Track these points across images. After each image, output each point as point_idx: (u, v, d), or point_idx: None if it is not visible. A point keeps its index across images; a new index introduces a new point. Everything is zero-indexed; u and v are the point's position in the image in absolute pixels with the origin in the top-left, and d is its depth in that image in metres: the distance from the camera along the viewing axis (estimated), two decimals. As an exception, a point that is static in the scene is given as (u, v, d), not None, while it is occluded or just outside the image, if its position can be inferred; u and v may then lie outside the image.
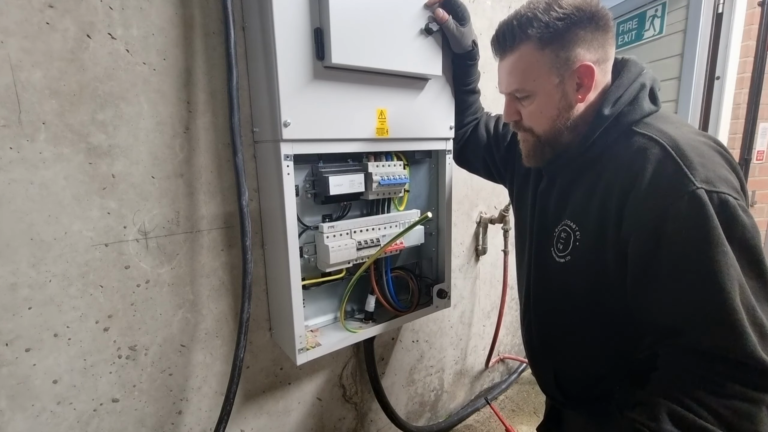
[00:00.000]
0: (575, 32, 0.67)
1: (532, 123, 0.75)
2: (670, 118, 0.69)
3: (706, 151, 0.62)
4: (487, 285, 1.69)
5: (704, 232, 0.56)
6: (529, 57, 0.70)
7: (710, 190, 0.57)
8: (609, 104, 0.70)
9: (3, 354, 0.74)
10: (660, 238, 0.60)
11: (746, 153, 2.12)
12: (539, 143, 0.77)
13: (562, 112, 0.72)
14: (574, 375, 0.83)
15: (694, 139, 0.64)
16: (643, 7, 2.24)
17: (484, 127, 1.07)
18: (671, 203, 0.58)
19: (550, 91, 0.71)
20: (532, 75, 0.71)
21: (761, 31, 2.00)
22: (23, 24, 0.69)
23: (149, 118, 0.82)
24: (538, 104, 0.73)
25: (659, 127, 0.66)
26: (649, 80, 0.72)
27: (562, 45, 0.68)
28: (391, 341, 1.39)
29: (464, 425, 1.62)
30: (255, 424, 1.10)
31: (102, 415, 0.86)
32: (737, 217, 0.57)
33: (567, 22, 0.67)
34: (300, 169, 0.95)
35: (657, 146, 0.63)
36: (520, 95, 0.74)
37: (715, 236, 0.56)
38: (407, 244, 1.05)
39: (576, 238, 0.75)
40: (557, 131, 0.74)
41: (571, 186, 0.78)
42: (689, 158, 0.60)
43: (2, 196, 0.70)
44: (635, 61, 0.74)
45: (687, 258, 0.58)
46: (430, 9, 0.93)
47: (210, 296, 0.95)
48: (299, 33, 0.79)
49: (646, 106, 0.69)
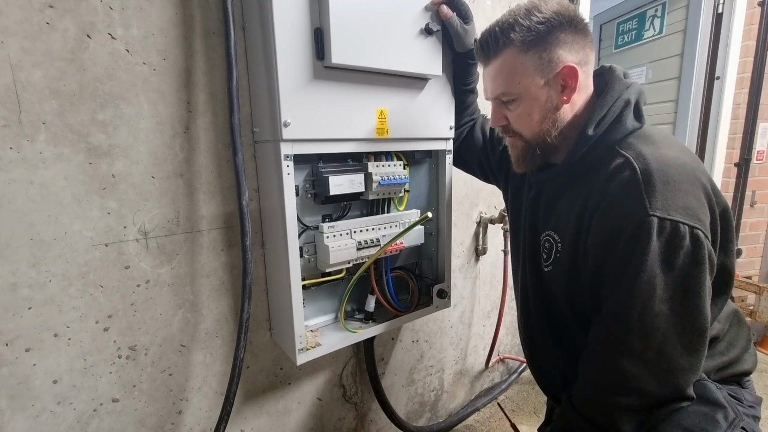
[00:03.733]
0: (556, 35, 0.69)
1: (520, 126, 0.76)
2: (652, 137, 0.70)
3: (677, 177, 0.64)
4: (487, 285, 1.69)
5: (639, 257, 0.62)
6: (513, 60, 0.71)
7: (663, 218, 0.61)
8: (593, 124, 0.71)
9: (3, 354, 0.74)
10: (608, 251, 0.65)
11: (746, 153, 2.12)
12: (528, 147, 0.78)
13: (548, 114, 0.73)
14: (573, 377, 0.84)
15: (672, 163, 0.65)
16: (643, 7, 2.24)
17: (480, 128, 1.07)
18: (623, 226, 0.63)
19: (536, 93, 0.72)
20: (516, 78, 0.72)
21: (761, 31, 2.00)
22: (23, 24, 0.69)
23: (149, 118, 0.82)
24: (525, 107, 0.74)
25: (639, 149, 0.68)
26: (634, 95, 0.72)
27: (544, 47, 0.69)
28: (391, 341, 1.39)
29: (464, 425, 1.62)
30: (255, 424, 1.10)
31: (102, 415, 0.86)
32: (682, 247, 0.61)
33: (548, 26, 0.68)
34: (300, 169, 0.95)
35: (629, 170, 0.66)
36: (506, 99, 0.75)
37: (647, 264, 0.61)
38: (407, 244, 1.05)
39: (557, 249, 0.77)
40: (545, 133, 0.75)
41: (557, 198, 0.80)
42: (652, 184, 0.63)
43: (2, 196, 0.70)
44: (619, 74, 0.75)
45: (622, 275, 0.64)
46: (434, 7, 0.93)
47: (210, 296, 0.95)
48: (299, 33, 0.79)
49: (629, 124, 0.71)
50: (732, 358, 0.77)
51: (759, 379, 1.91)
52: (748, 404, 0.75)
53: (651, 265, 0.61)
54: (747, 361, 0.79)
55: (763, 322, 2.01)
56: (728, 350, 0.77)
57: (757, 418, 0.75)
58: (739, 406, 0.73)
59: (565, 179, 0.77)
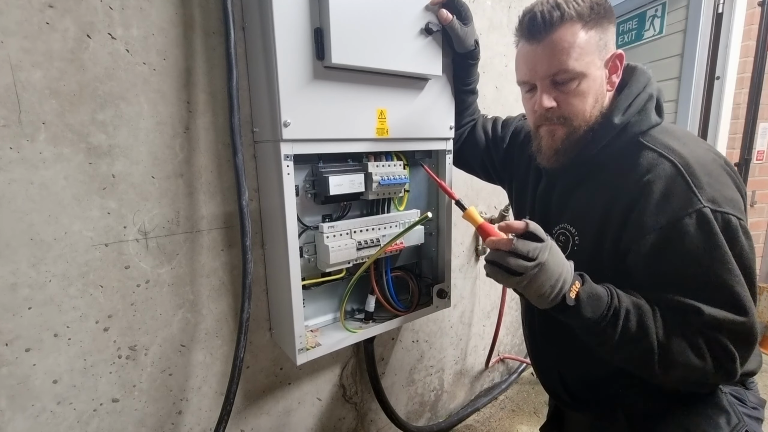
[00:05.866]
0: (610, 20, 0.69)
1: (573, 109, 0.70)
2: (675, 133, 0.70)
3: (714, 170, 0.64)
4: (487, 285, 1.69)
5: (710, 248, 0.60)
6: (578, 36, 0.66)
7: (715, 210, 0.60)
8: (619, 112, 0.70)
9: (3, 354, 0.74)
10: (666, 247, 0.63)
11: (746, 153, 2.12)
12: (569, 136, 0.72)
13: (599, 99, 0.71)
14: (576, 374, 0.83)
15: (703, 156, 0.65)
16: (643, 7, 2.24)
17: (481, 128, 1.07)
18: (680, 219, 0.61)
19: (595, 73, 0.69)
20: (581, 54, 0.67)
21: (761, 31, 2.00)
22: (23, 24, 0.69)
23: (149, 118, 0.82)
24: (584, 87, 0.69)
25: (666, 143, 0.67)
26: (656, 91, 0.73)
27: (603, 29, 0.68)
28: (391, 341, 1.39)
29: (464, 425, 1.62)
30: (255, 424, 1.10)
31: (102, 415, 0.86)
32: (738, 239, 0.61)
33: (605, 8, 0.68)
34: (300, 169, 0.95)
35: (668, 163, 0.65)
36: (564, 78, 0.68)
37: (720, 253, 0.60)
38: (407, 244, 1.05)
39: (575, 242, 0.76)
40: (592, 119, 0.71)
41: (573, 190, 0.78)
42: (698, 178, 0.62)
43: (2, 196, 0.70)
44: (642, 69, 0.75)
45: (695, 269, 0.62)
46: (433, 10, 0.92)
47: (210, 296, 0.95)
48: (299, 33, 0.79)
49: (653, 117, 0.71)
50: None
51: (759, 379, 1.91)
52: (751, 406, 0.75)
53: (725, 261, 0.60)
54: (752, 361, 0.78)
55: (763, 322, 2.01)
56: None
57: (760, 420, 0.75)
58: (743, 407, 0.73)
59: (584, 170, 0.75)
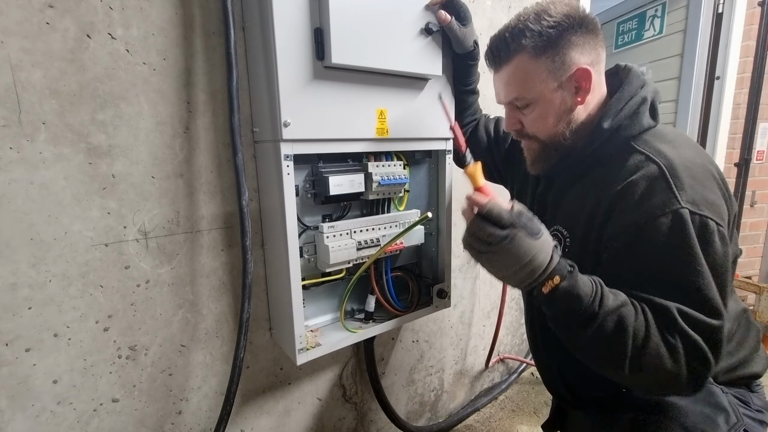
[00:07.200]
0: (568, 38, 0.68)
1: (535, 130, 0.76)
2: (667, 136, 0.70)
3: (699, 174, 0.64)
4: (487, 285, 1.69)
5: (681, 248, 0.60)
6: (526, 66, 0.71)
7: (693, 212, 0.60)
8: (609, 117, 0.71)
9: (3, 354, 0.74)
10: (640, 245, 0.63)
11: (746, 153, 2.12)
12: (544, 149, 0.78)
13: (563, 116, 0.73)
14: (577, 373, 0.83)
15: (691, 160, 0.66)
16: (643, 7, 2.24)
17: (483, 128, 1.07)
18: (656, 217, 0.62)
19: (549, 96, 0.72)
20: (530, 83, 0.71)
21: (761, 31, 2.01)
22: (23, 24, 0.69)
23: (149, 118, 0.82)
24: (539, 111, 0.73)
25: (656, 146, 0.68)
26: (651, 93, 0.72)
27: (556, 51, 0.69)
28: (391, 341, 1.39)
29: (464, 425, 1.62)
30: (255, 424, 1.10)
31: (102, 415, 0.86)
32: (713, 243, 0.61)
33: (559, 29, 0.68)
34: (300, 169, 0.95)
35: (654, 165, 0.65)
36: (520, 104, 0.75)
37: (692, 255, 0.60)
38: (407, 244, 1.05)
39: (566, 244, 0.76)
40: (560, 135, 0.74)
41: (565, 191, 0.79)
42: (681, 179, 0.62)
43: (2, 196, 0.70)
44: (637, 72, 0.75)
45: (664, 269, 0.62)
46: (432, 10, 0.93)
47: (210, 296, 0.95)
48: (299, 33, 0.79)
49: (645, 121, 0.71)
50: (741, 359, 0.77)
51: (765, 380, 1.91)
52: (755, 408, 0.75)
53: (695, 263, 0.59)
54: (757, 363, 0.78)
55: (763, 322, 2.01)
56: (737, 350, 0.77)
57: (764, 423, 0.74)
58: (745, 410, 0.72)
59: (575, 172, 0.77)
